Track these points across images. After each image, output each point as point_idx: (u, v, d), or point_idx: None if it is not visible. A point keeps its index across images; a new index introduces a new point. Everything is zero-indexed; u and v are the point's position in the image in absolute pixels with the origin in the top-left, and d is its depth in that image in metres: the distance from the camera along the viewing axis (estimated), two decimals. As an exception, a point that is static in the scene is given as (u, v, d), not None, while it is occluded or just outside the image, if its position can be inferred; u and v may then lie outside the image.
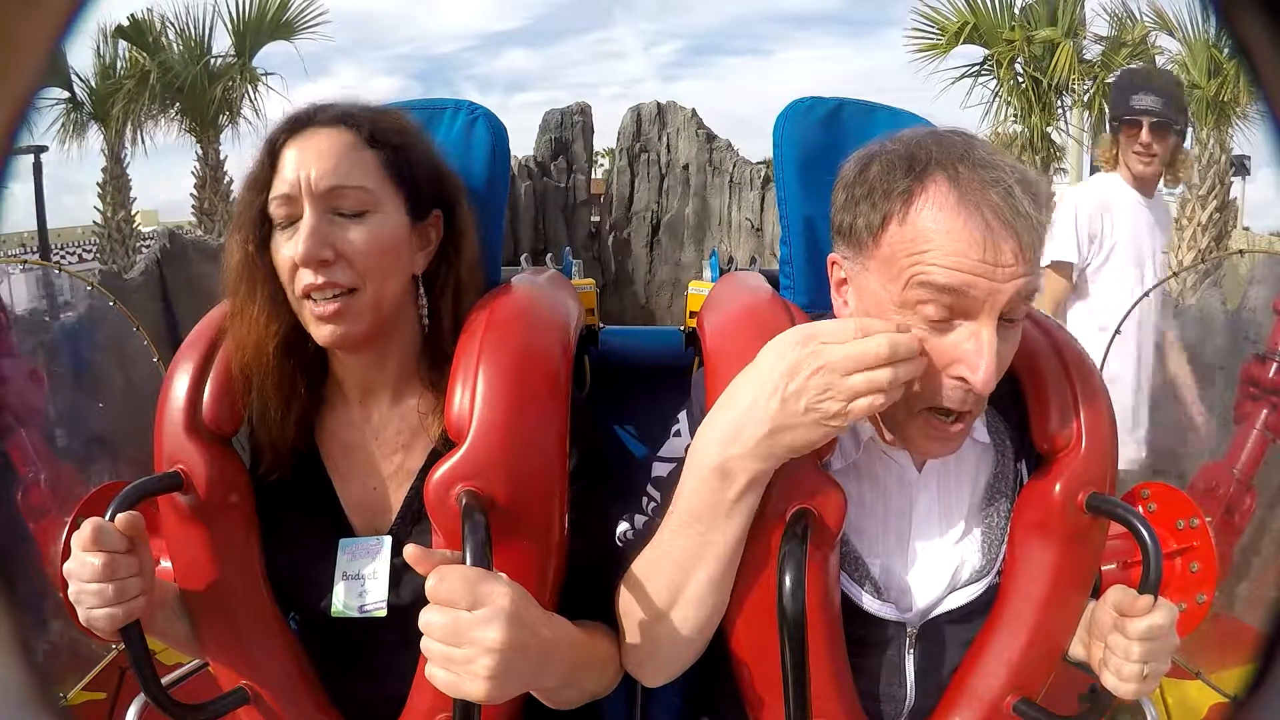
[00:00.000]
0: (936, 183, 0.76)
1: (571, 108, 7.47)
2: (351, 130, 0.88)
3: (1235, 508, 2.76)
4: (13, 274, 3.66)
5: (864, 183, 0.80)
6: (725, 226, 7.37)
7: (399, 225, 0.90)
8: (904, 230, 0.76)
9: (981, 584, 0.90)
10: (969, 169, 0.75)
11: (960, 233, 0.74)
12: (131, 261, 6.85)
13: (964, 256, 0.73)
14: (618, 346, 1.28)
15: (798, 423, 0.75)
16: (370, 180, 0.87)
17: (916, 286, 0.75)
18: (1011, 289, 0.74)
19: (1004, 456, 0.93)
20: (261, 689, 0.93)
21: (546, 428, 0.85)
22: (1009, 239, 0.73)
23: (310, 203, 0.85)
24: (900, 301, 0.77)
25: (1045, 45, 7.04)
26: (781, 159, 1.07)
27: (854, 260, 0.82)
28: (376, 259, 0.87)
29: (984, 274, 0.73)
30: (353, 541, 0.93)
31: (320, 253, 0.84)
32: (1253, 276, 4.27)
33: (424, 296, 0.93)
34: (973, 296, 0.74)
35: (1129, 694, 0.80)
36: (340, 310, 0.86)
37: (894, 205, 0.77)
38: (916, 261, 0.75)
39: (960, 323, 0.76)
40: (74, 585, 0.81)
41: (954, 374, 0.77)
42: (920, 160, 0.77)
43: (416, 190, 0.91)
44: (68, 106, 7.77)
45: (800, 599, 0.72)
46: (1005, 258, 0.73)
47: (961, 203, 0.74)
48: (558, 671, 0.78)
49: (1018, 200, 0.74)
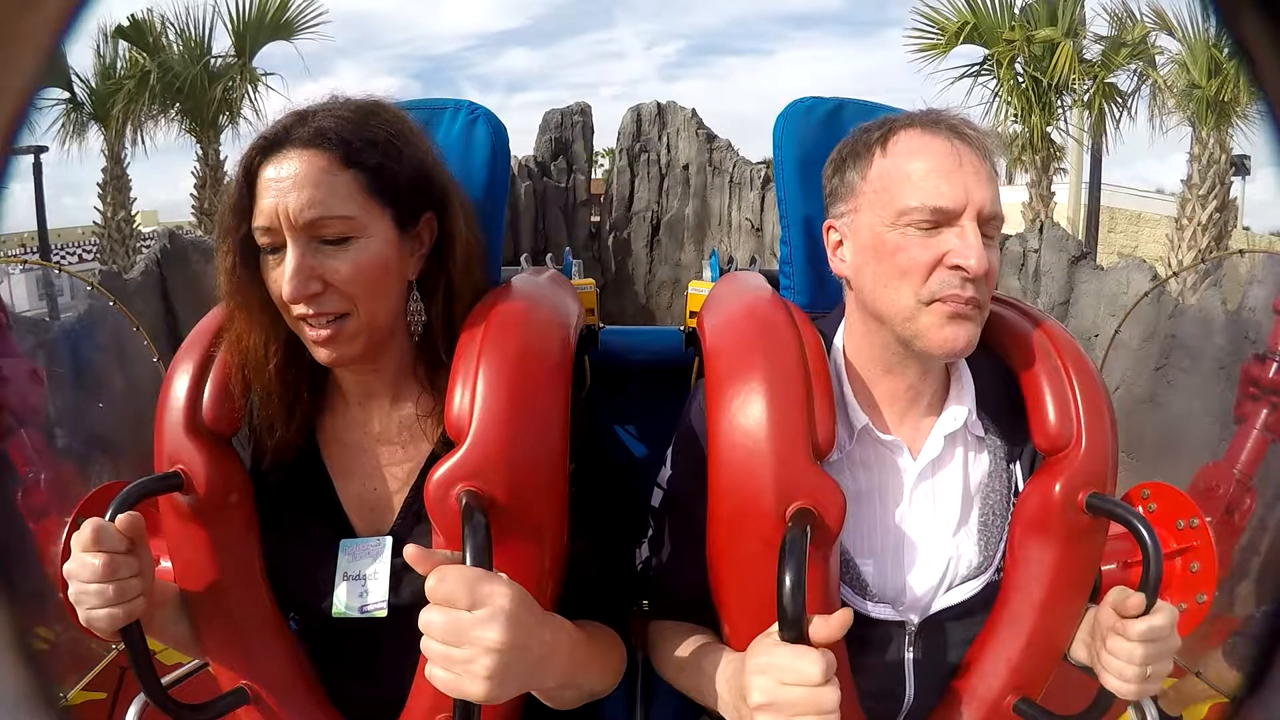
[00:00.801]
0: (904, 125, 0.91)
1: (571, 108, 7.47)
2: (327, 152, 0.84)
3: (1235, 508, 2.76)
4: (13, 274, 3.66)
5: (847, 148, 0.94)
6: (725, 226, 7.37)
7: (386, 243, 0.87)
8: (886, 161, 0.89)
9: (980, 580, 0.91)
10: (924, 115, 0.91)
11: (932, 146, 0.88)
12: (131, 262, 6.85)
13: (939, 164, 0.86)
14: (618, 346, 1.28)
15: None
16: (351, 206, 0.84)
17: (905, 198, 0.86)
18: (983, 192, 0.85)
19: (995, 456, 0.94)
20: (261, 689, 0.93)
21: (547, 427, 0.85)
22: (971, 148, 0.87)
23: (292, 236, 0.83)
24: (894, 219, 0.87)
25: (1045, 45, 7.03)
26: (781, 159, 1.07)
27: (847, 211, 0.92)
28: (365, 285, 0.85)
29: (958, 177, 0.86)
30: (354, 542, 0.93)
31: (307, 288, 0.83)
32: (1253, 276, 4.28)
33: (418, 301, 0.91)
34: (953, 198, 0.85)
35: (1130, 696, 0.80)
36: (334, 335, 0.85)
37: (874, 148, 0.90)
38: (902, 179, 0.87)
39: (945, 228, 0.86)
40: (74, 586, 0.80)
41: (950, 264, 0.85)
42: (889, 120, 0.92)
43: (401, 201, 0.88)
44: (68, 106, 7.77)
45: (800, 599, 0.72)
46: (973, 162, 0.87)
47: (927, 129, 0.89)
48: (558, 672, 0.78)
49: (969, 124, 0.90)
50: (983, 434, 0.94)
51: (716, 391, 0.85)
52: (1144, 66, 7.05)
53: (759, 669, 0.73)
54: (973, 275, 0.84)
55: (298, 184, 0.82)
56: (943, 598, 0.91)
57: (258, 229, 0.85)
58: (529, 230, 7.12)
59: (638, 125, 7.52)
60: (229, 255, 0.87)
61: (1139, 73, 7.12)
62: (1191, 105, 6.59)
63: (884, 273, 0.87)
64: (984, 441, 0.94)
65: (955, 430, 0.92)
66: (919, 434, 0.93)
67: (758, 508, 0.81)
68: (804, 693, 0.70)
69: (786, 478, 0.80)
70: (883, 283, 0.88)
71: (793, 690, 0.71)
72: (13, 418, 2.55)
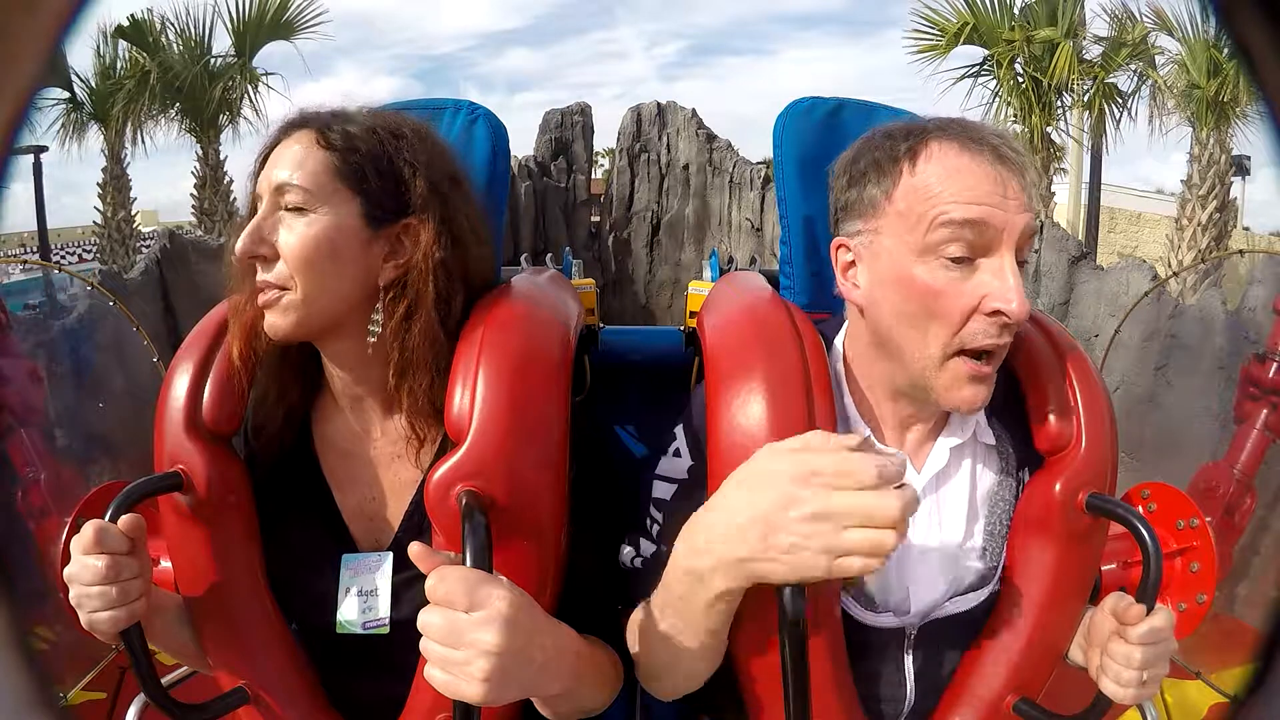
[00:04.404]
0: (937, 139, 0.81)
1: (571, 108, 7.47)
2: (310, 131, 0.89)
3: (1235, 508, 2.77)
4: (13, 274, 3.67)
5: (866, 157, 0.85)
6: (725, 226, 7.36)
7: (342, 228, 0.86)
8: (915, 180, 0.80)
9: (983, 591, 0.90)
10: (962, 126, 0.82)
11: (970, 168, 0.79)
12: (131, 261, 6.84)
13: (978, 189, 0.78)
14: (618, 346, 1.28)
15: (773, 559, 0.70)
16: (314, 181, 0.86)
17: (938, 228, 0.78)
18: (1023, 220, 0.78)
19: (1008, 463, 0.92)
20: (261, 689, 0.93)
21: (547, 428, 0.84)
22: (1014, 173, 0.79)
23: (267, 199, 0.87)
24: (922, 247, 0.79)
25: (1045, 45, 7.03)
26: (781, 159, 1.07)
27: (865, 231, 0.84)
28: (306, 259, 0.85)
29: (999, 205, 0.78)
30: (355, 557, 0.93)
31: (254, 249, 0.86)
32: (1253, 276, 4.28)
33: (379, 311, 0.89)
34: (993, 227, 0.77)
35: (1128, 699, 0.80)
36: (270, 303, 0.87)
37: (901, 164, 0.81)
38: (935, 203, 0.78)
39: (981, 261, 0.79)
40: (76, 589, 0.80)
41: (988, 309, 0.78)
42: (917, 128, 0.83)
43: (370, 194, 0.88)
44: (68, 106, 7.77)
45: (800, 599, 0.72)
46: (1014, 189, 0.79)
47: (965, 147, 0.80)
48: (557, 678, 0.77)
49: (1010, 143, 0.81)
50: (993, 442, 0.91)
51: (716, 391, 0.85)
52: (1144, 67, 7.05)
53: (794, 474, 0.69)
54: (1014, 320, 0.77)
55: (283, 156, 0.88)
56: (945, 607, 0.89)
57: (255, 197, 0.89)
58: (529, 230, 7.12)
59: (638, 125, 7.51)
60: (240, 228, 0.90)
61: (1139, 73, 7.12)
62: (1191, 105, 6.60)
63: (911, 313, 0.80)
64: (993, 449, 0.91)
65: (962, 442, 0.89)
66: (923, 446, 0.90)
67: None
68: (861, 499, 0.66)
69: None
70: (908, 323, 0.81)
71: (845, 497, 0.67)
72: (13, 418, 2.55)
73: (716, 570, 0.74)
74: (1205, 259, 6.25)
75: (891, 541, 0.67)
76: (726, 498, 0.75)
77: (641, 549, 0.92)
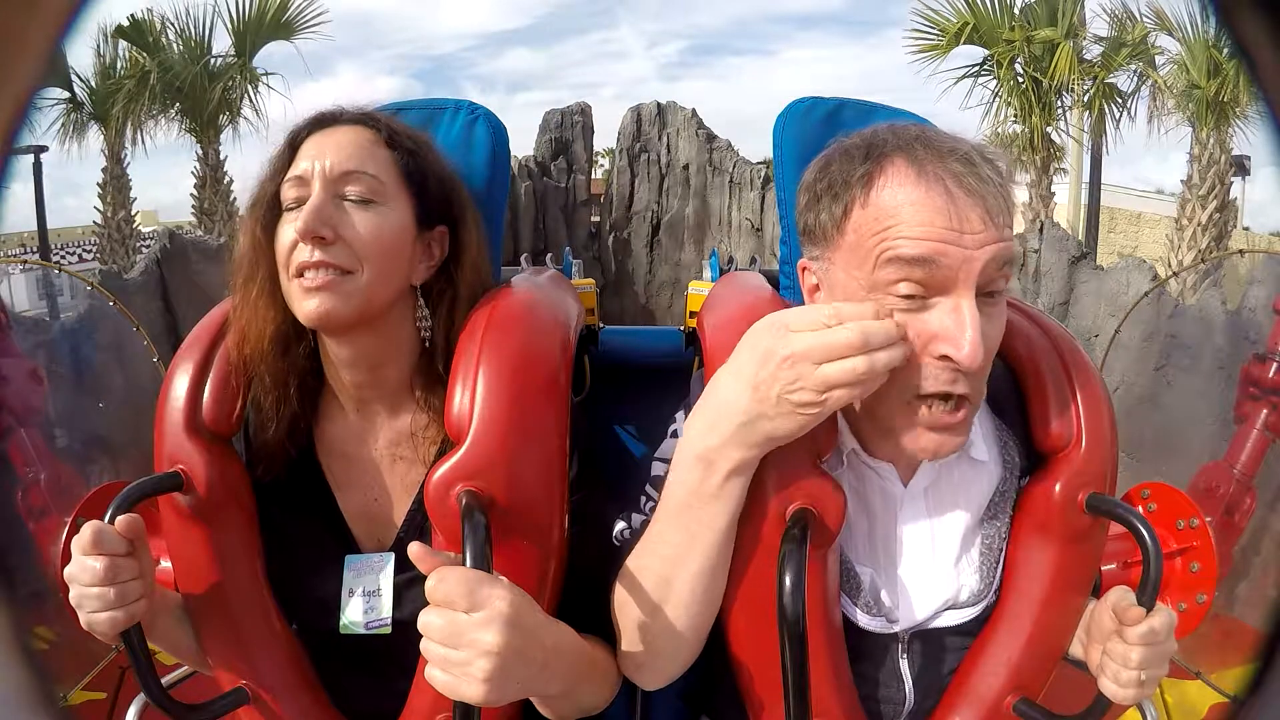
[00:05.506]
0: (894, 163, 0.75)
1: (571, 108, 7.46)
2: (372, 129, 0.90)
3: (1235, 508, 2.77)
4: (13, 274, 3.67)
5: (824, 179, 0.79)
6: (725, 226, 7.36)
7: (404, 225, 0.90)
8: (866, 212, 0.75)
9: (978, 607, 0.88)
10: (925, 147, 0.75)
11: (923, 201, 0.72)
12: (131, 261, 6.85)
13: (930, 225, 0.71)
14: (618, 346, 1.28)
15: (773, 412, 0.73)
16: (383, 174, 0.89)
17: (885, 264, 0.73)
18: (984, 255, 0.72)
19: (1010, 474, 0.90)
20: (262, 689, 0.93)
21: (547, 427, 0.84)
22: (975, 205, 0.72)
23: (320, 184, 0.86)
24: (870, 285, 0.74)
25: (1045, 45, 7.03)
26: (781, 159, 1.07)
27: (821, 258, 0.81)
28: (377, 248, 0.86)
29: (953, 241, 0.71)
30: (358, 558, 0.93)
31: (319, 229, 0.84)
32: (1253, 276, 4.28)
33: (424, 309, 0.92)
34: (945, 266, 0.71)
35: (1127, 699, 0.80)
36: (329, 285, 0.84)
37: (854, 191, 0.76)
38: (882, 239, 0.73)
39: (937, 300, 0.73)
40: (75, 590, 0.80)
41: (937, 353, 0.73)
42: (877, 146, 0.77)
43: (426, 198, 0.92)
44: (68, 106, 7.75)
45: (800, 599, 0.72)
46: (973, 224, 0.72)
47: (921, 175, 0.73)
48: (558, 678, 0.77)
49: (978, 166, 0.73)
50: (987, 455, 0.88)
51: (715, 391, 0.85)
52: (1144, 67, 7.05)
53: (767, 332, 0.73)
54: (964, 367, 0.72)
55: (339, 146, 0.88)
56: (938, 620, 0.88)
57: (289, 180, 0.87)
58: (529, 230, 7.12)
59: (638, 125, 7.51)
60: (253, 212, 0.90)
61: (1139, 73, 7.12)
62: (1191, 105, 6.59)
63: None
64: (990, 463, 0.89)
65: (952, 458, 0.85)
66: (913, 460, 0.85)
67: (757, 508, 0.81)
68: (819, 335, 0.70)
69: (786, 478, 0.80)
70: None
71: (803, 336, 0.70)
72: (13, 418, 2.55)
73: (727, 443, 0.76)
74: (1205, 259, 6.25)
75: (863, 366, 0.69)
76: (718, 382, 0.78)
77: (632, 521, 0.90)
